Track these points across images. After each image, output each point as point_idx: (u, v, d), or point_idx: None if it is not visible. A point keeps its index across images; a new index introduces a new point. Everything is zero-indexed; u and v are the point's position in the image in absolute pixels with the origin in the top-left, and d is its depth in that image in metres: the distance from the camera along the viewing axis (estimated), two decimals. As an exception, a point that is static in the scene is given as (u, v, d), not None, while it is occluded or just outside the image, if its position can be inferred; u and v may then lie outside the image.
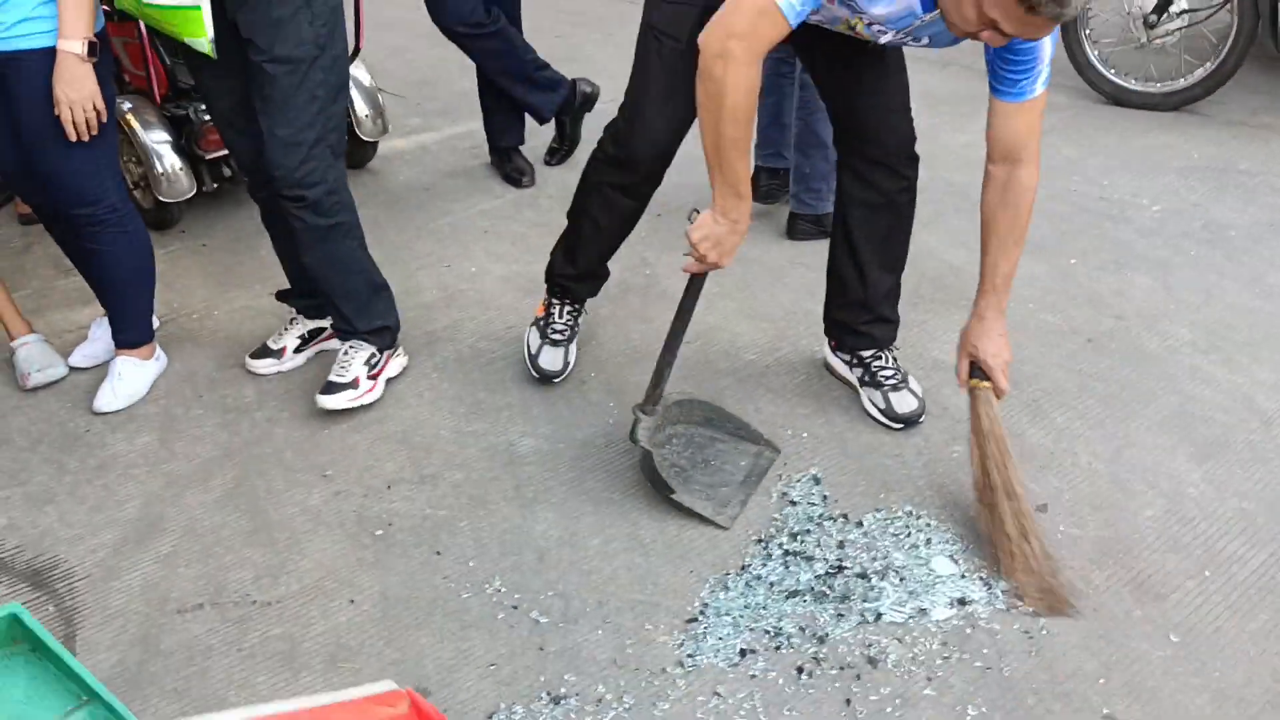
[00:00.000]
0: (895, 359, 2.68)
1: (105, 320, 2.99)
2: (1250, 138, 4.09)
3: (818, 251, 3.14)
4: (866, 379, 2.66)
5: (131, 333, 2.87)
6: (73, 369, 2.96)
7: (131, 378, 2.84)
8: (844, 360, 2.73)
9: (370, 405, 2.75)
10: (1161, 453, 2.49)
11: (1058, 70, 2.37)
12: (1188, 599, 2.10)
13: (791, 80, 3.38)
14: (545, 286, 2.84)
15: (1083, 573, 2.17)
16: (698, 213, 2.19)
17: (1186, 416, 2.60)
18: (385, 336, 2.82)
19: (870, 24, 2.09)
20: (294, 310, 2.96)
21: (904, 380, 2.65)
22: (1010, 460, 2.21)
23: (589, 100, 3.98)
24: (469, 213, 3.80)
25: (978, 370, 2.25)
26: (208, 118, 3.53)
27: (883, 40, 2.16)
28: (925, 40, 2.14)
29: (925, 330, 2.97)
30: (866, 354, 2.67)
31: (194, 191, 3.58)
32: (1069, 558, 2.21)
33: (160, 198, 3.58)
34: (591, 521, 2.36)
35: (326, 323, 2.97)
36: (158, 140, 3.53)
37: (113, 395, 2.80)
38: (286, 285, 2.99)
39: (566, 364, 2.81)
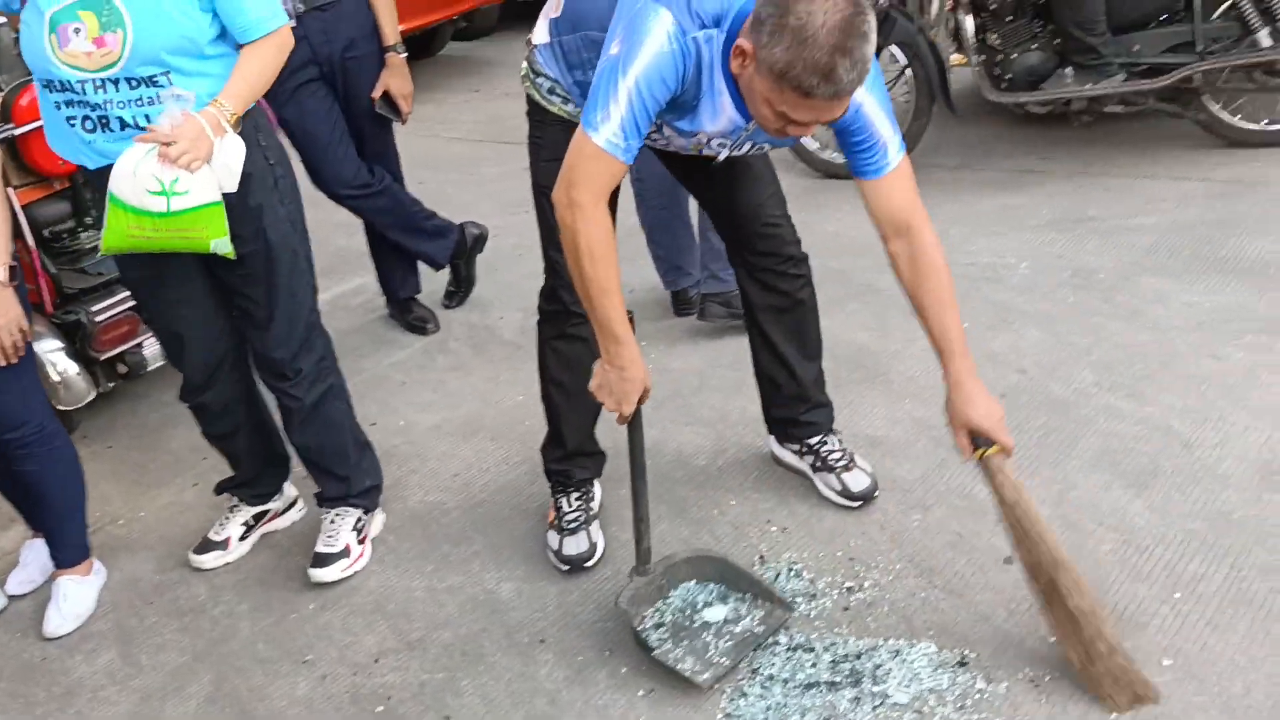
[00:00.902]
0: (840, 440, 2.80)
1: (34, 543, 2.90)
2: (1092, 186, 4.40)
3: (734, 350, 3.27)
4: (819, 464, 2.77)
5: (70, 550, 2.77)
6: (10, 597, 2.84)
7: (77, 597, 2.74)
8: (793, 451, 2.83)
9: (334, 582, 2.71)
10: (1100, 490, 2.65)
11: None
12: (1167, 623, 2.23)
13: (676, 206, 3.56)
14: (549, 488, 2.75)
15: (1063, 616, 2.29)
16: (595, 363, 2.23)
17: (1112, 453, 2.77)
18: (373, 496, 2.81)
19: (710, 140, 2.21)
20: (234, 499, 2.90)
21: (852, 459, 2.76)
22: (1044, 525, 2.12)
23: (479, 240, 4.05)
24: (380, 367, 3.80)
25: (980, 440, 2.16)
26: (100, 319, 3.47)
27: (723, 155, 2.26)
28: (762, 146, 2.27)
29: (854, 410, 3.09)
30: (814, 441, 2.77)
31: (93, 395, 3.49)
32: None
33: (58, 406, 3.47)
34: (593, 655, 2.37)
35: (270, 505, 2.93)
36: (50, 349, 3.40)
37: (61, 618, 2.70)
38: (209, 478, 2.94)
39: (593, 544, 2.64)
